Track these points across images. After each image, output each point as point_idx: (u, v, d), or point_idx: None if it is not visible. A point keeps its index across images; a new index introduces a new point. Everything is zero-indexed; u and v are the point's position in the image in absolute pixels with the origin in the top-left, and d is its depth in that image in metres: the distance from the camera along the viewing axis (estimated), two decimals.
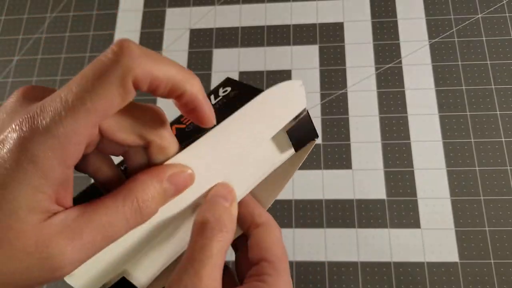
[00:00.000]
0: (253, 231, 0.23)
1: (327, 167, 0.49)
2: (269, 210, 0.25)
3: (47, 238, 0.15)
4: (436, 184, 0.47)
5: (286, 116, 0.24)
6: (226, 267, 0.22)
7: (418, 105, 0.51)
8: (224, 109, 0.23)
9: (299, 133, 0.24)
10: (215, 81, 0.54)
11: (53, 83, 0.55)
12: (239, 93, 0.24)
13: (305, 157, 0.25)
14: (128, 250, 0.20)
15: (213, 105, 0.23)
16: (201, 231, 0.19)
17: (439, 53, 0.53)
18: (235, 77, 0.54)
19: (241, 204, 0.23)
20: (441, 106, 0.50)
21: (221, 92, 0.25)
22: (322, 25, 0.56)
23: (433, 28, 0.54)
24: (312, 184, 0.48)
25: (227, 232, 0.20)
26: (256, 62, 0.54)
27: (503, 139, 0.48)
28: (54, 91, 0.16)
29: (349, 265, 0.45)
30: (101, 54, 0.16)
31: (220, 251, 0.19)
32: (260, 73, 0.54)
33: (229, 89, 0.25)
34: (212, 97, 0.25)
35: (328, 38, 0.55)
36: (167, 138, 0.19)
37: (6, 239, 0.14)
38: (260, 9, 0.57)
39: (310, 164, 0.49)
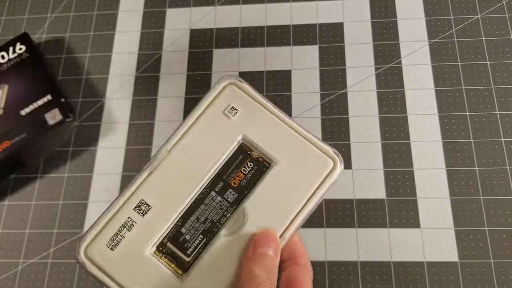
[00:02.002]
0: (290, 268, 0.24)
1: None
2: None
3: None
4: (435, 184, 0.47)
5: None
6: None
7: (417, 105, 0.51)
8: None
9: None
10: (215, 82, 0.54)
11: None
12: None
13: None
14: None
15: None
16: (250, 285, 0.21)
17: (439, 53, 0.53)
18: None
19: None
20: (440, 106, 0.50)
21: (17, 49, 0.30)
22: (322, 26, 0.56)
23: (433, 28, 0.54)
24: None
25: (271, 285, 0.22)
26: (256, 62, 0.55)
27: (502, 139, 0.48)
28: None
29: (349, 265, 0.45)
30: None
31: None
32: (260, 73, 0.54)
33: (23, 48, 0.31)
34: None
35: (328, 38, 0.55)
36: None
37: None
38: (260, 9, 0.57)
39: None
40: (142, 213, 0.23)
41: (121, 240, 0.23)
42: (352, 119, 0.51)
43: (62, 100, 0.50)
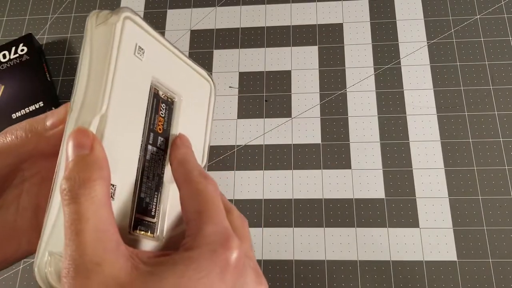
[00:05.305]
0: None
1: (327, 166, 0.49)
2: (269, 209, 0.25)
3: None
4: (434, 184, 0.48)
5: None
6: None
7: (416, 105, 0.51)
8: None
9: None
10: (215, 82, 0.54)
11: (55, 84, 0.56)
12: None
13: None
14: None
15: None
16: (68, 198, 0.17)
17: (438, 54, 0.53)
18: (236, 77, 0.54)
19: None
20: (439, 107, 0.51)
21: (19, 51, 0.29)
22: (322, 26, 0.56)
23: (432, 29, 0.54)
24: (312, 184, 0.49)
25: (96, 183, 0.17)
26: (256, 63, 0.55)
27: (500, 139, 0.49)
28: None
29: (348, 264, 0.45)
30: None
31: (97, 207, 0.17)
32: (260, 73, 0.54)
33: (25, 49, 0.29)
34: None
35: (328, 39, 0.55)
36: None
37: None
38: (260, 10, 0.58)
39: (310, 163, 0.49)
40: (112, 196, 0.20)
41: None
42: (351, 119, 0.51)
43: (53, 108, 0.51)
